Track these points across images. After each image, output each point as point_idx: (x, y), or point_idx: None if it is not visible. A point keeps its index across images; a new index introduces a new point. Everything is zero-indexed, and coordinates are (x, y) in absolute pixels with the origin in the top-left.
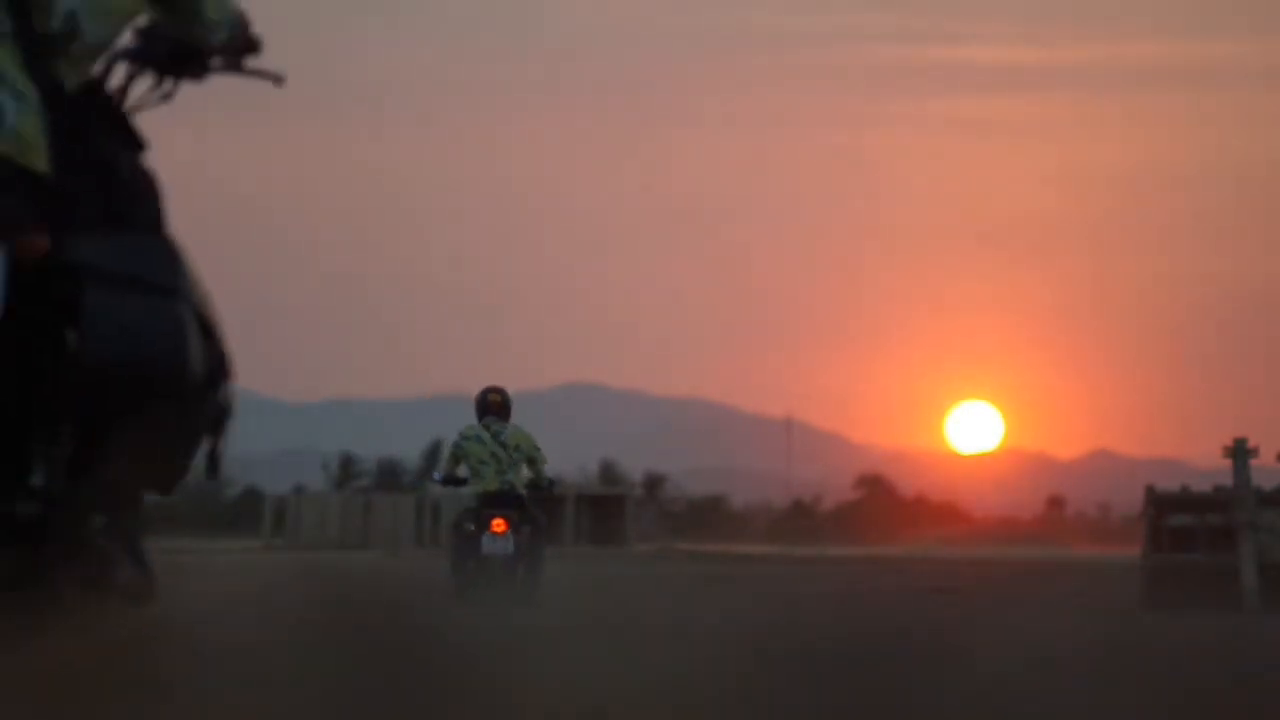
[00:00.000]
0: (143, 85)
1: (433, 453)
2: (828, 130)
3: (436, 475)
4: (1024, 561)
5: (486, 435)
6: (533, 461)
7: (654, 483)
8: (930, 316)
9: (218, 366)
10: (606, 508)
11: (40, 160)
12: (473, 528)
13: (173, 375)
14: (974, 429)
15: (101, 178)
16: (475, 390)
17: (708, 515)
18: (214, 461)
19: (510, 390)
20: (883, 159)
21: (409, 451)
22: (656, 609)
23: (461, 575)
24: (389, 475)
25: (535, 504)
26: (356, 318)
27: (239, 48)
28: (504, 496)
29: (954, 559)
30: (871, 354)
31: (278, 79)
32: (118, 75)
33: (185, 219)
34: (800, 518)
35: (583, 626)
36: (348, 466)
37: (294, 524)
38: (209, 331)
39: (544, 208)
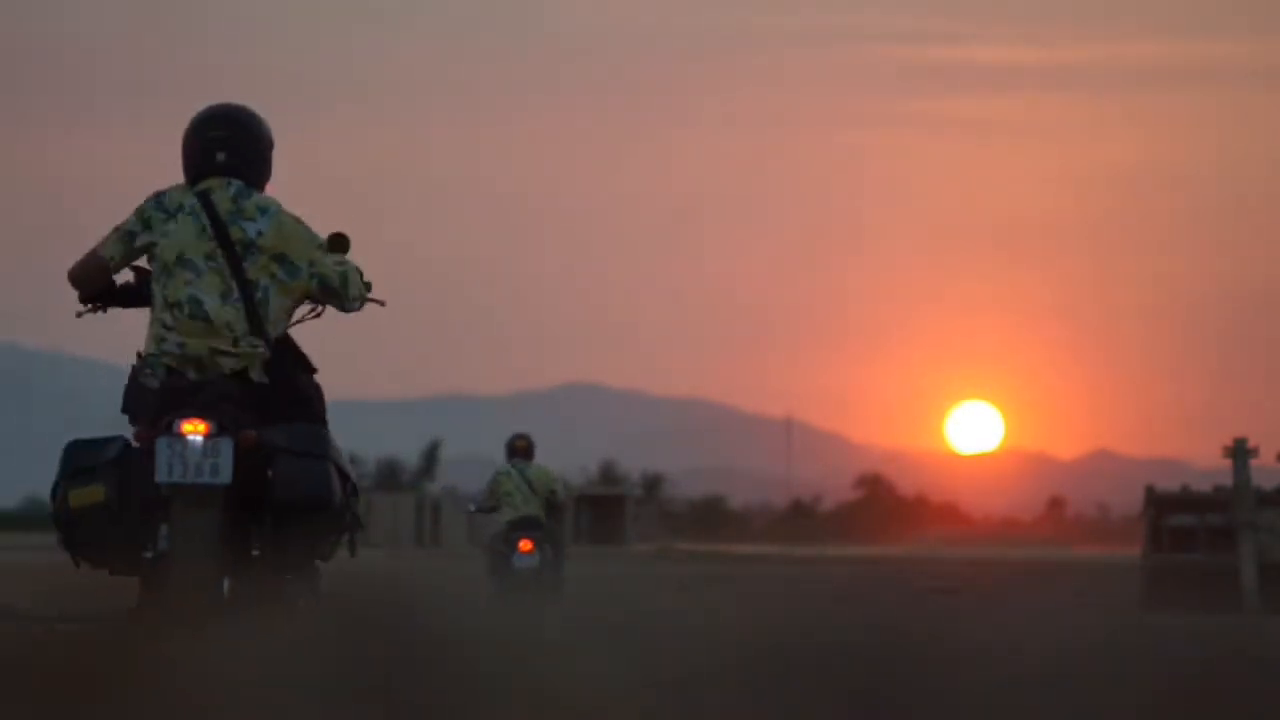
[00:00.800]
0: (303, 310)
1: (431, 452)
2: (828, 130)
3: (471, 506)
4: (1024, 561)
5: (515, 473)
6: (553, 493)
7: (654, 483)
8: (930, 316)
9: (351, 495)
10: (606, 508)
11: (259, 377)
12: (504, 548)
13: (324, 505)
14: (974, 429)
15: (288, 389)
16: (476, 390)
17: (708, 515)
18: (352, 544)
19: (510, 390)
20: (883, 159)
21: (409, 451)
22: (655, 610)
23: (498, 585)
24: (389, 475)
25: (553, 523)
26: (356, 318)
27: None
28: (528, 522)
29: (954, 559)
30: (871, 354)
31: (382, 303)
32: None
33: None
34: (800, 518)
35: (580, 627)
36: None
37: None
38: (344, 476)
39: (544, 208)
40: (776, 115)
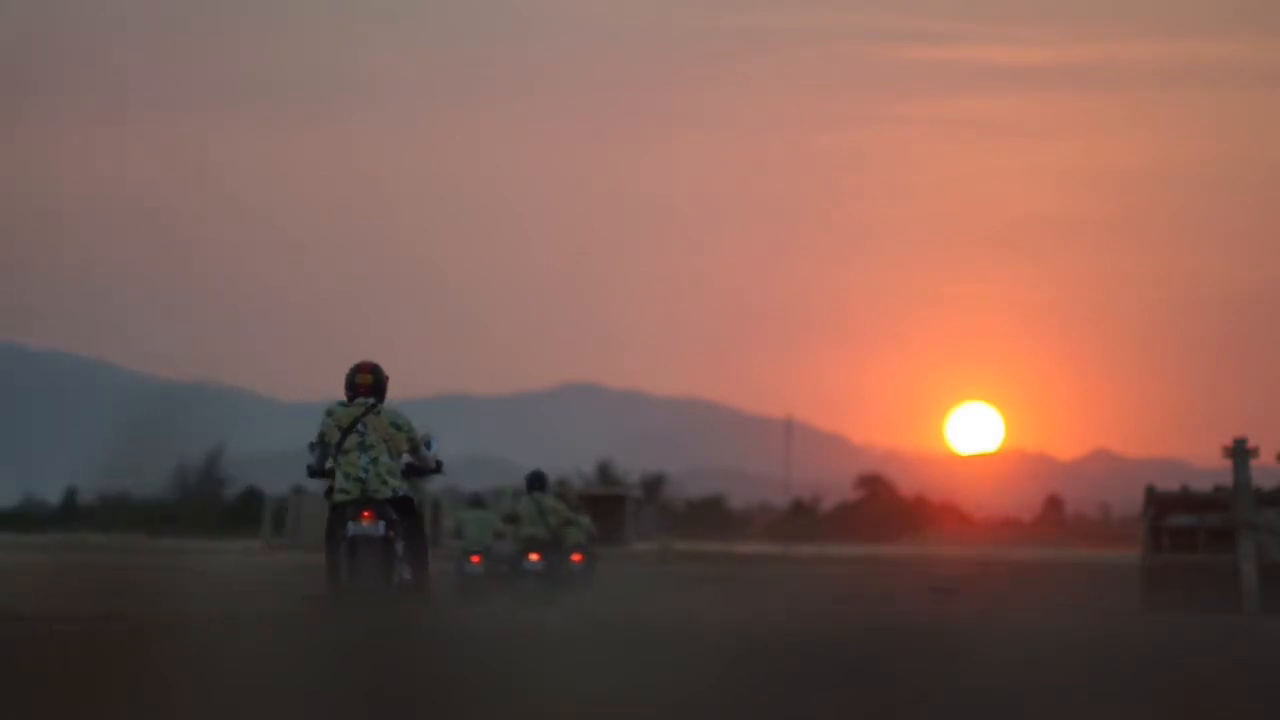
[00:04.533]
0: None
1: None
2: (827, 130)
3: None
4: (1024, 561)
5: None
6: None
7: (654, 483)
8: (930, 316)
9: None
10: (606, 508)
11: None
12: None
13: (595, 576)
14: (974, 429)
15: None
16: (476, 390)
17: (708, 515)
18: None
19: (510, 390)
20: (883, 159)
21: None
22: (656, 609)
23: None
24: None
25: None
26: (356, 318)
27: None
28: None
29: (954, 559)
30: (871, 354)
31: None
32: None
33: (188, 220)
34: (800, 518)
35: (580, 628)
36: None
37: (294, 524)
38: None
39: (543, 207)
40: (776, 115)
